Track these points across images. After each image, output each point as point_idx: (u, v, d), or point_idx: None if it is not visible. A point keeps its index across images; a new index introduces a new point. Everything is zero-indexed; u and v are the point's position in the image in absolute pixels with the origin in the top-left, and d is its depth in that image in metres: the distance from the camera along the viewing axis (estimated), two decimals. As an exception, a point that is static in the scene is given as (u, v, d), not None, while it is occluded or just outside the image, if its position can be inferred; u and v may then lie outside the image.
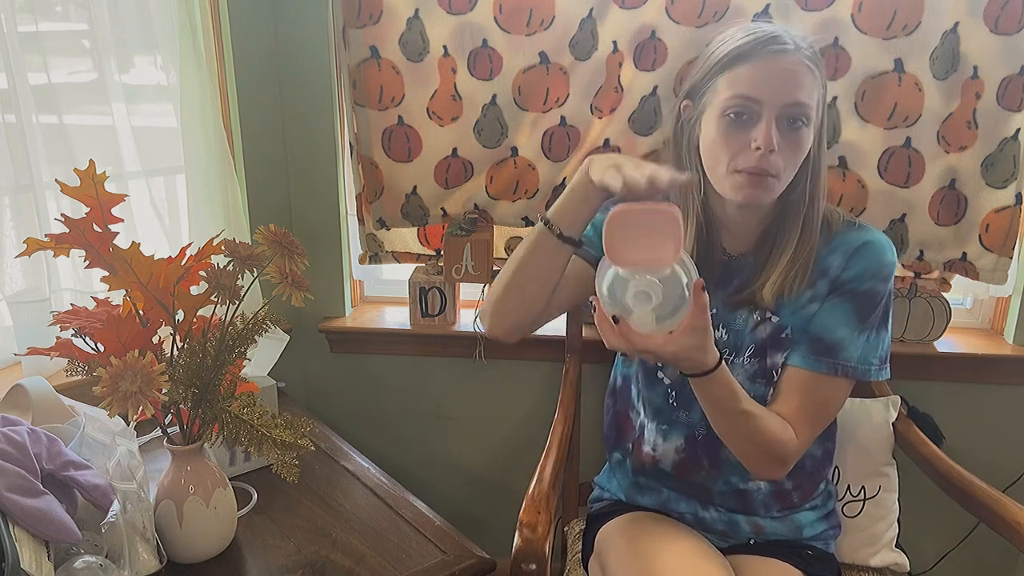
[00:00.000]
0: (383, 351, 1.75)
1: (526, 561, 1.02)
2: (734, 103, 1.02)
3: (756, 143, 1.01)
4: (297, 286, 1.04)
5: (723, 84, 1.04)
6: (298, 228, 1.69)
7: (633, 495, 1.25)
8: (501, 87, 1.53)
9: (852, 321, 1.08)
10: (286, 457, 1.02)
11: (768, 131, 1.00)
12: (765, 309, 1.11)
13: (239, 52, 1.54)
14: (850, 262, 1.08)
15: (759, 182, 1.03)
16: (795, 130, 1.03)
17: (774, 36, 1.02)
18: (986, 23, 1.38)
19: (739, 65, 1.03)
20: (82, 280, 1.40)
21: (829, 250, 1.10)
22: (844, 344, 1.08)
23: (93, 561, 0.96)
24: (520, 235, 1.67)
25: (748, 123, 1.02)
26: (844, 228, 1.12)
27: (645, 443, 1.21)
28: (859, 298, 1.08)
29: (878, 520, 1.35)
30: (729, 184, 1.05)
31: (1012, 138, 1.44)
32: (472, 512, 1.81)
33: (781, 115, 1.02)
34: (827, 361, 1.08)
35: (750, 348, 1.13)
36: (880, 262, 1.08)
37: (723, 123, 1.04)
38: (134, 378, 0.89)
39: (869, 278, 1.07)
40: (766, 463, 1.08)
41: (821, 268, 1.10)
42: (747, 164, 1.02)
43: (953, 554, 1.64)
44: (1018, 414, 1.62)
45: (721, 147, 1.04)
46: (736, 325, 1.14)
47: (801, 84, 1.01)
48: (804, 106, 1.02)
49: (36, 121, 1.31)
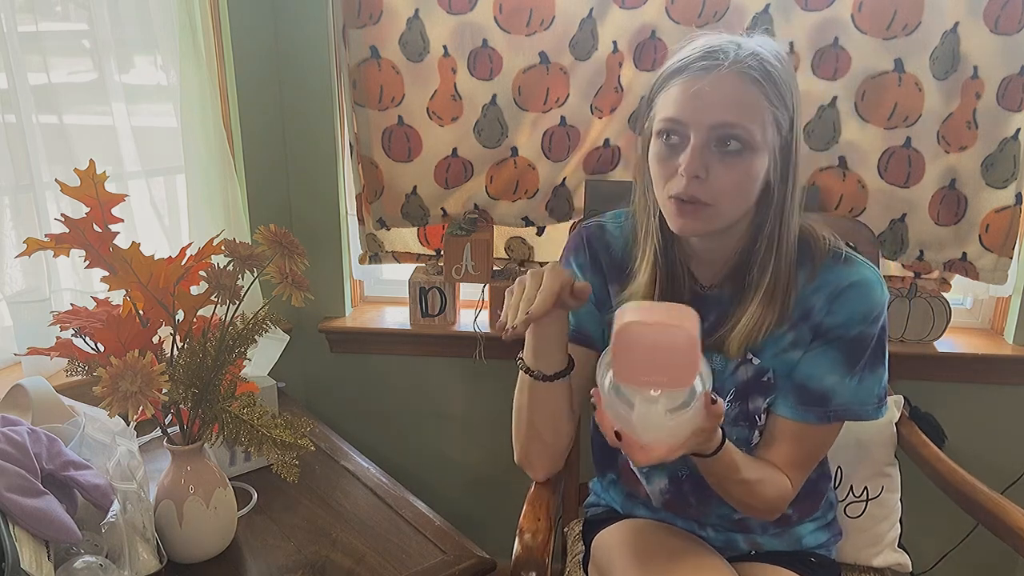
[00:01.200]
0: (383, 351, 1.75)
1: (526, 568, 1.02)
2: (663, 126, 0.95)
3: (680, 168, 0.93)
4: (297, 286, 1.04)
5: (659, 105, 0.96)
6: (298, 228, 1.69)
7: (630, 508, 1.22)
8: (501, 87, 1.53)
9: (840, 368, 1.00)
10: (286, 457, 1.02)
11: (692, 156, 0.91)
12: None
13: (239, 52, 1.54)
14: (834, 306, 0.99)
15: (690, 211, 0.94)
16: (731, 154, 0.92)
17: (710, 51, 0.92)
18: (986, 23, 1.38)
19: (671, 84, 0.94)
20: (82, 280, 1.40)
21: (813, 288, 1.01)
22: (834, 392, 1.01)
23: (93, 561, 0.96)
24: (520, 235, 1.67)
25: (678, 147, 0.94)
26: (830, 262, 1.01)
27: (636, 475, 1.17)
28: (847, 344, 1.00)
29: (880, 521, 1.34)
30: (667, 213, 0.98)
31: (1012, 138, 1.44)
32: (472, 512, 1.81)
33: (710, 137, 0.92)
34: (816, 411, 1.02)
35: (731, 391, 1.05)
36: (869, 305, 0.99)
37: (656, 146, 0.97)
38: (134, 378, 0.89)
39: (858, 323, 0.99)
40: (762, 514, 1.06)
41: (804, 308, 1.01)
42: (676, 190, 0.94)
43: (953, 554, 1.64)
44: (1018, 414, 1.62)
45: (656, 172, 0.97)
46: (715, 365, 1.05)
47: (731, 103, 0.91)
48: (735, 127, 0.90)
49: (36, 121, 1.31)
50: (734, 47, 0.93)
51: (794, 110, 0.96)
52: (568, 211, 1.62)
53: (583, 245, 1.14)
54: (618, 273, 1.11)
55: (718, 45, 0.93)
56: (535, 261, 1.69)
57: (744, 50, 0.92)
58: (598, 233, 1.14)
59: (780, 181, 0.97)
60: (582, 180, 1.59)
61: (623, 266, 1.10)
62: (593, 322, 1.13)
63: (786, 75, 0.95)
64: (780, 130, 0.95)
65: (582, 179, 1.59)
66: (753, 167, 0.93)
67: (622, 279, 1.10)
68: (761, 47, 0.94)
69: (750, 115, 0.91)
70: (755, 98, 0.91)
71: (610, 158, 1.58)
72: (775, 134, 0.94)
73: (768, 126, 0.93)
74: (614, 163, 1.58)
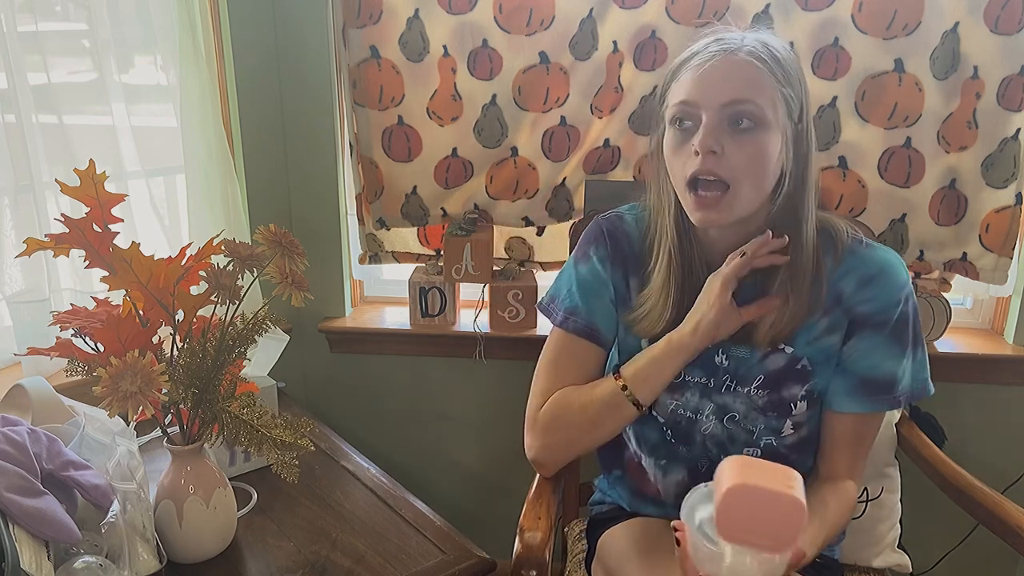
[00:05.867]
0: (383, 351, 1.75)
1: (526, 568, 1.02)
2: (676, 111, 0.98)
3: (695, 146, 0.95)
4: (297, 286, 1.04)
5: (671, 94, 1.00)
6: (298, 228, 1.69)
7: (637, 506, 1.21)
8: (501, 87, 1.53)
9: (896, 351, 1.03)
10: (286, 457, 1.02)
11: (706, 132, 0.94)
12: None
13: (239, 52, 1.54)
14: (868, 293, 1.02)
15: (710, 201, 0.96)
16: (744, 132, 0.94)
17: (718, 39, 0.97)
18: (986, 23, 1.38)
19: (682, 73, 0.98)
20: (82, 280, 1.40)
21: (841, 272, 1.03)
22: (897, 376, 1.03)
23: (93, 561, 0.95)
24: (520, 235, 1.67)
25: (691, 130, 0.97)
26: (853, 245, 1.04)
27: (645, 471, 1.17)
28: (893, 327, 1.02)
29: (881, 521, 1.34)
30: (687, 206, 0.99)
31: (1012, 138, 1.44)
32: (472, 512, 1.81)
33: (722, 116, 0.94)
34: (885, 399, 1.04)
35: (758, 379, 1.06)
36: (899, 285, 1.02)
37: (671, 134, 0.99)
38: (134, 378, 0.89)
39: (895, 305, 1.02)
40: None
41: (835, 293, 1.03)
42: (693, 169, 0.96)
43: (953, 554, 1.64)
44: (1018, 414, 1.62)
45: (672, 160, 1.00)
46: (739, 352, 1.06)
47: (741, 81, 0.94)
48: (746, 103, 0.94)
49: (36, 121, 1.31)
50: (740, 37, 0.98)
51: (803, 97, 0.99)
52: (568, 211, 1.62)
53: (603, 236, 1.13)
54: (638, 265, 1.11)
55: (725, 36, 0.98)
56: (535, 261, 1.69)
57: (750, 38, 0.98)
58: (617, 223, 1.13)
59: (795, 169, 0.99)
60: (582, 180, 1.59)
61: (642, 257, 1.10)
62: (607, 319, 1.12)
63: (793, 63, 0.99)
64: (791, 113, 0.97)
65: (582, 179, 1.59)
66: (767, 145, 0.96)
67: (641, 273, 1.10)
68: (767, 37, 0.99)
69: (759, 92, 0.94)
70: (764, 77, 0.95)
71: (610, 158, 1.58)
72: (786, 117, 0.97)
73: (779, 105, 0.96)
74: (614, 163, 1.58)
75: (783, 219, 1.01)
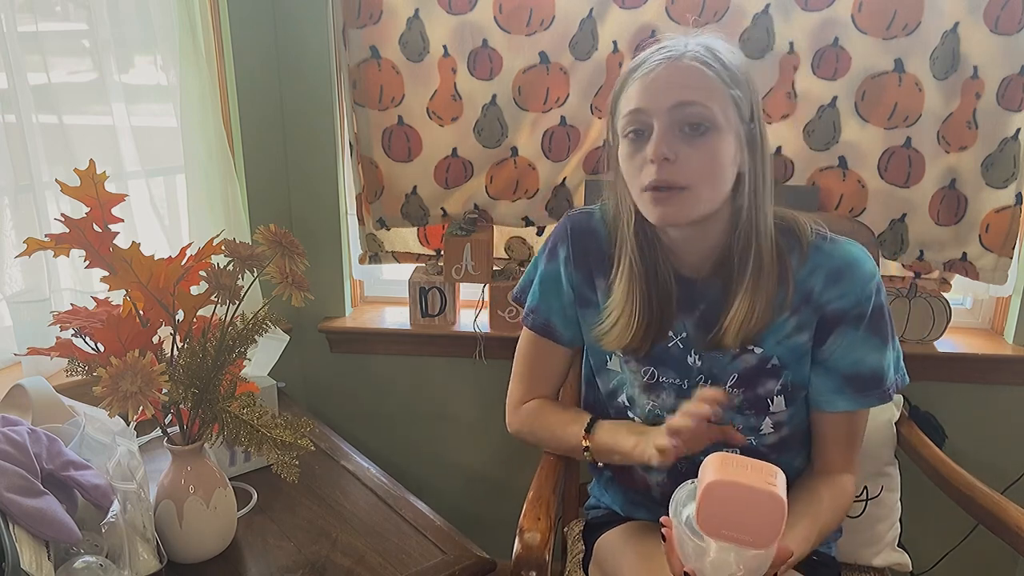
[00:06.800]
0: (383, 351, 1.75)
1: (526, 568, 1.02)
2: (627, 121, 0.97)
3: (648, 155, 0.95)
4: (297, 286, 1.04)
5: (621, 106, 1.00)
6: (298, 228, 1.69)
7: (630, 510, 1.22)
8: (501, 87, 1.53)
9: (877, 344, 1.03)
10: (286, 457, 1.02)
11: (658, 140, 0.94)
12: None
13: (239, 52, 1.54)
14: (838, 290, 1.01)
15: (666, 198, 0.95)
16: (696, 136, 0.94)
17: (661, 48, 0.97)
18: (986, 23, 1.38)
19: (629, 85, 0.98)
20: (82, 280, 1.40)
21: (808, 269, 1.02)
22: (882, 368, 1.04)
23: (93, 561, 0.96)
24: (520, 235, 1.67)
25: (644, 138, 0.96)
26: (817, 241, 1.03)
27: (632, 468, 1.17)
28: (869, 320, 1.02)
29: (880, 520, 1.34)
30: (643, 206, 0.99)
31: (1012, 138, 1.44)
32: (472, 512, 1.81)
33: (672, 120, 0.94)
34: (875, 393, 1.04)
35: (732, 377, 1.06)
36: (867, 277, 1.01)
37: (624, 146, 0.99)
38: (134, 378, 0.89)
39: (867, 298, 1.01)
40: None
41: (803, 291, 1.02)
42: (648, 179, 0.95)
43: (953, 554, 1.64)
44: (1018, 414, 1.62)
45: (627, 171, 0.99)
46: (711, 352, 1.06)
47: (687, 85, 0.94)
48: (694, 104, 0.93)
49: (36, 121, 1.31)
50: (684, 43, 0.97)
51: (753, 97, 0.99)
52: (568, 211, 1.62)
53: (566, 236, 1.13)
54: (606, 266, 1.10)
55: (669, 43, 0.98)
56: (535, 261, 1.69)
57: (694, 42, 0.97)
58: (585, 221, 1.13)
59: (751, 169, 0.99)
60: (582, 180, 1.59)
61: (612, 257, 1.09)
62: (562, 318, 1.14)
63: (739, 63, 0.98)
64: (741, 114, 0.97)
65: (582, 179, 1.59)
66: (720, 147, 0.95)
67: (609, 272, 1.09)
68: (711, 42, 0.98)
69: (707, 95, 0.94)
70: (710, 80, 0.95)
71: (610, 158, 1.58)
72: (737, 118, 0.96)
73: (728, 107, 0.95)
74: (614, 163, 1.58)
75: (742, 216, 1.00)
